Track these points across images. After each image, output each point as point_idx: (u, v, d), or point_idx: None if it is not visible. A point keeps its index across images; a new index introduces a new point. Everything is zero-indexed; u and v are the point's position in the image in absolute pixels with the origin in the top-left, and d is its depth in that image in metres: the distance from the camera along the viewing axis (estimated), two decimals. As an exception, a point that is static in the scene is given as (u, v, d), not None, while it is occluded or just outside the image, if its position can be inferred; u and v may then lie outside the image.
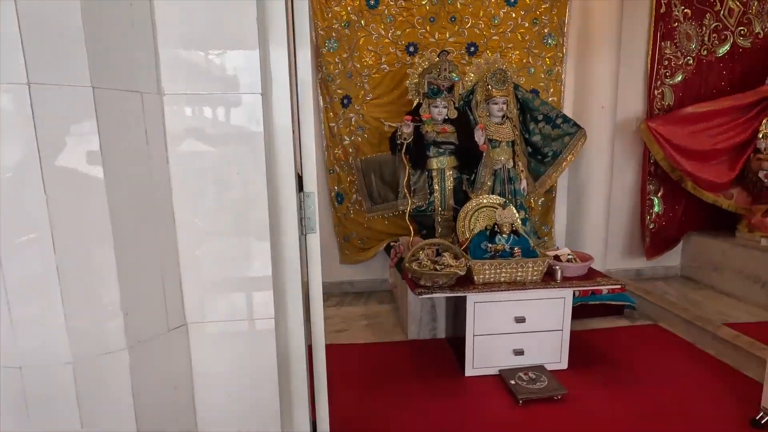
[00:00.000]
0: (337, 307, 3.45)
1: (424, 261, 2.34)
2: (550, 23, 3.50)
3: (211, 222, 0.88)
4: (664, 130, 3.48)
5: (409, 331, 2.83)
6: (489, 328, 2.33)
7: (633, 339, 2.81)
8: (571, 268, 2.41)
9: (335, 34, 3.36)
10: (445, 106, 2.93)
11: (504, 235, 2.42)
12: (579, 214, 3.74)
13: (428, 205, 3.02)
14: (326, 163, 3.55)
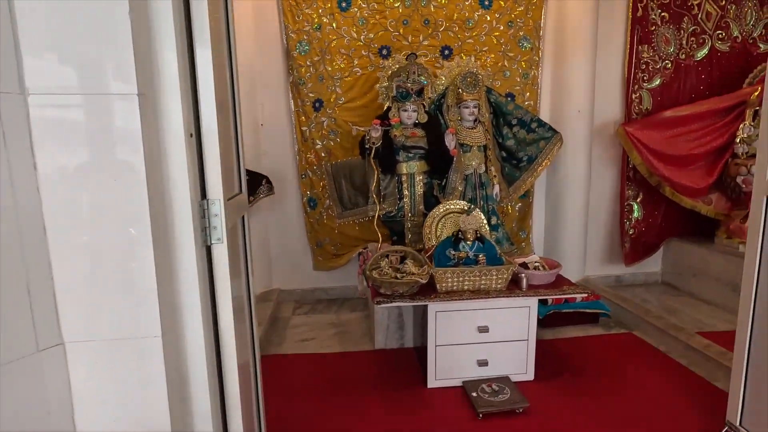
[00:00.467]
0: (307, 315, 3.37)
1: (385, 269, 2.28)
2: (525, 26, 3.45)
3: (87, 234, 0.81)
4: (642, 135, 3.43)
5: (376, 341, 2.76)
6: (451, 338, 2.26)
7: (605, 348, 2.74)
8: (538, 276, 2.35)
9: (306, 37, 3.30)
10: (414, 110, 2.87)
11: (468, 242, 2.35)
12: (557, 220, 3.69)
13: (398, 211, 2.95)
14: (298, 167, 3.48)
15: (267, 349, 2.79)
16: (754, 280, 1.74)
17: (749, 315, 1.76)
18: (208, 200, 1.00)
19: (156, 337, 0.86)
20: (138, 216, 0.82)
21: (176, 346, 0.92)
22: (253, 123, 3.40)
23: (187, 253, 0.92)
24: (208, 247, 1.02)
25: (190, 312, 0.94)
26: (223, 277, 1.03)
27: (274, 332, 3.04)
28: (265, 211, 3.50)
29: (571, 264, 3.68)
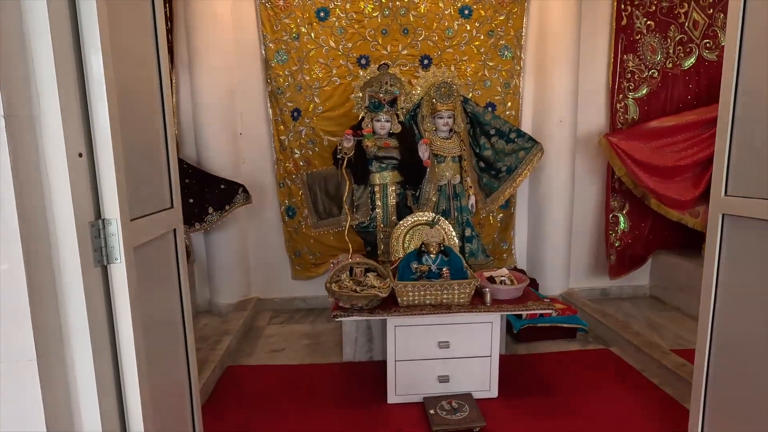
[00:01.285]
0: (283, 324, 3.35)
1: (345, 282, 2.25)
2: (506, 35, 3.42)
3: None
4: (626, 145, 3.36)
5: (344, 353, 2.72)
6: (411, 353, 2.22)
7: (579, 365, 2.67)
8: (503, 291, 2.30)
9: (284, 47, 3.31)
10: (387, 120, 2.85)
11: (431, 255, 2.31)
12: (539, 231, 3.62)
13: (370, 222, 2.93)
14: (276, 176, 3.48)
15: (236, 360, 2.77)
16: (711, 299, 1.68)
17: (707, 336, 1.70)
18: (103, 220, 0.98)
19: (30, 361, 0.84)
20: (7, 244, 0.80)
21: (59, 369, 0.91)
22: (231, 132, 3.41)
23: (73, 276, 0.91)
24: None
25: (78, 334, 0.93)
26: (121, 297, 1.01)
27: (246, 342, 3.03)
28: (243, 220, 3.50)
29: (555, 276, 3.61)
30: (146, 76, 1.27)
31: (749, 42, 1.50)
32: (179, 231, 1.45)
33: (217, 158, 3.34)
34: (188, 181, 3.13)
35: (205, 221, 3.13)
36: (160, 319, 1.31)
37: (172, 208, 1.41)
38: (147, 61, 1.28)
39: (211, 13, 3.19)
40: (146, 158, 1.24)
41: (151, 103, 1.30)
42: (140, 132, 1.20)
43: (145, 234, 1.15)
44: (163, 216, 1.33)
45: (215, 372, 2.48)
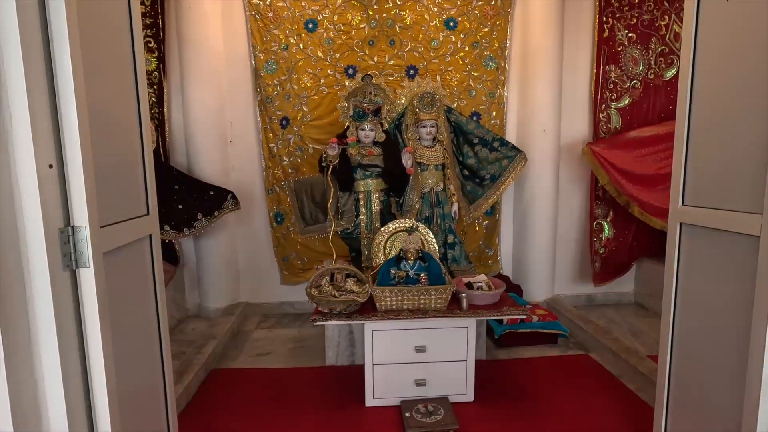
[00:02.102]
0: (270, 329, 3.40)
1: (325, 287, 2.30)
2: (490, 47, 3.50)
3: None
4: (608, 154, 3.43)
5: (327, 357, 2.77)
6: (389, 357, 2.27)
7: (557, 370, 2.71)
8: (479, 297, 2.35)
9: (274, 57, 3.40)
10: (372, 129, 2.92)
11: (410, 262, 2.37)
12: (524, 238, 3.68)
13: (354, 228, 2.99)
14: (265, 183, 3.55)
15: (221, 363, 2.82)
16: (671, 304, 1.73)
17: (668, 340, 1.75)
18: (72, 227, 1.04)
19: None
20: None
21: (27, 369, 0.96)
22: (221, 140, 3.48)
23: (42, 279, 0.97)
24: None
25: (46, 335, 0.98)
26: (89, 300, 1.07)
27: (233, 346, 3.08)
28: (232, 226, 3.56)
29: (540, 283, 3.66)
30: (121, 89, 1.33)
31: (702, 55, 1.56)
32: (155, 237, 1.51)
33: (207, 166, 3.41)
34: (178, 187, 3.20)
35: (194, 227, 3.19)
36: (133, 322, 1.36)
37: (148, 215, 1.47)
38: (122, 74, 1.34)
39: (202, 24, 3.28)
40: (120, 167, 1.30)
41: (127, 114, 1.36)
42: (114, 142, 1.27)
43: (116, 240, 1.21)
44: (138, 222, 1.39)
45: (199, 375, 2.53)
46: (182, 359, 2.67)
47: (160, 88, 3.38)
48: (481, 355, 2.82)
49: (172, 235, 3.16)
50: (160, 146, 3.39)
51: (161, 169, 3.21)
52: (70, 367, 1.04)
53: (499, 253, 3.77)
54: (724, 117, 1.46)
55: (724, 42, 1.46)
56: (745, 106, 1.37)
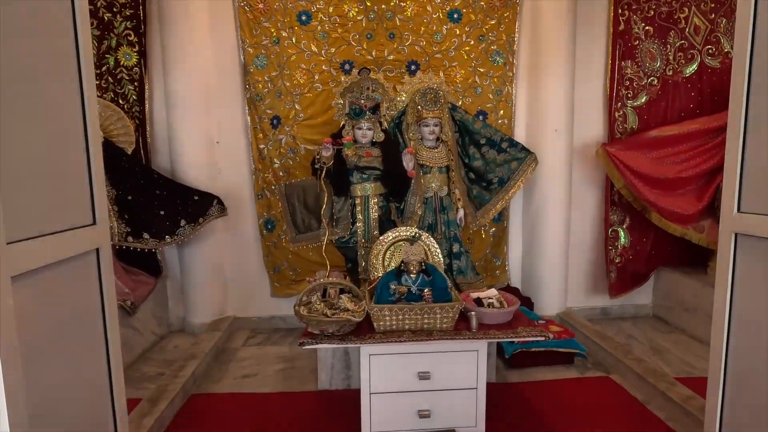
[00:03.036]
0: (259, 346, 3.13)
1: (316, 305, 2.03)
2: (497, 40, 3.25)
3: None
4: (624, 156, 3.17)
5: (320, 381, 2.50)
6: (388, 384, 1.99)
7: (576, 395, 2.44)
8: (490, 315, 2.08)
9: (264, 51, 3.15)
10: (369, 128, 2.66)
11: (412, 275, 2.10)
12: (534, 246, 3.41)
13: (351, 236, 2.72)
14: (254, 187, 3.29)
15: (202, 387, 2.54)
16: (724, 328, 1.46)
17: (720, 370, 1.48)
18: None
19: None
20: None
21: None
22: (208, 141, 3.23)
23: None
24: None
25: None
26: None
27: (216, 366, 2.80)
28: (220, 233, 3.30)
29: (551, 295, 3.40)
30: (55, 88, 1.08)
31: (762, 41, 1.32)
32: (104, 250, 1.24)
33: (192, 168, 3.16)
34: (159, 192, 2.94)
35: (177, 234, 2.94)
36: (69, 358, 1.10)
37: (95, 224, 1.21)
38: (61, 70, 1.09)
39: (187, 16, 3.04)
40: (49, 174, 1.04)
41: (63, 114, 1.11)
42: (40, 147, 1.01)
43: (34, 259, 0.95)
44: (79, 234, 1.13)
45: (175, 403, 2.25)
46: (158, 383, 2.39)
47: (141, 85, 3.13)
48: (491, 377, 2.54)
49: (152, 243, 2.90)
50: (140, 147, 3.14)
51: (140, 173, 2.96)
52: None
53: (507, 263, 3.50)
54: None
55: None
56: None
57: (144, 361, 2.83)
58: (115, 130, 2.91)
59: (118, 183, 2.82)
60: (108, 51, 3.08)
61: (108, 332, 1.26)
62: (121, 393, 1.31)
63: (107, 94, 3.09)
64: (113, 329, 1.28)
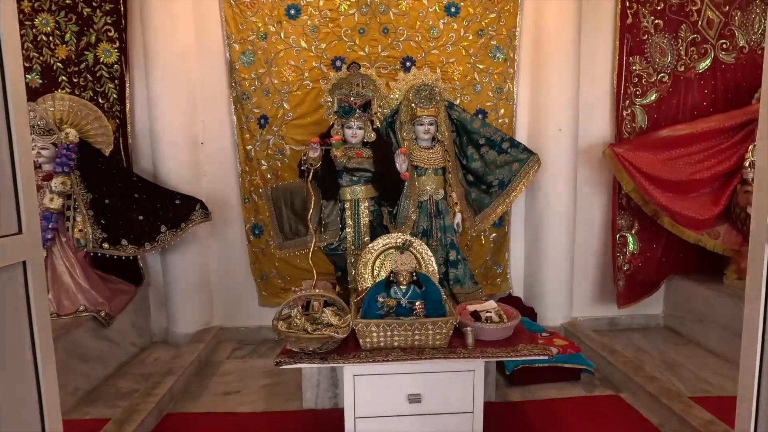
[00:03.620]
0: (244, 359, 2.95)
1: (296, 319, 1.85)
2: (497, 35, 3.08)
3: None
4: (633, 157, 2.97)
5: (305, 399, 2.31)
6: (375, 408, 1.81)
7: (583, 416, 2.24)
8: (487, 331, 1.89)
9: (251, 47, 2.99)
10: (360, 127, 2.49)
11: (402, 287, 1.92)
12: (538, 253, 3.22)
13: (340, 243, 2.55)
14: (241, 190, 3.12)
15: (179, 405, 2.37)
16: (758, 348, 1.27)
17: (753, 392, 1.28)
18: None
19: None
20: None
21: None
22: (192, 142, 3.07)
23: None
24: None
25: None
26: None
27: (197, 382, 2.62)
28: (205, 238, 3.13)
29: (555, 304, 3.20)
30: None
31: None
32: (33, 263, 1.07)
33: (175, 171, 3.00)
34: (137, 196, 2.78)
35: (157, 241, 2.77)
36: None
37: (20, 233, 1.03)
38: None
39: (170, 10, 2.89)
40: None
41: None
42: None
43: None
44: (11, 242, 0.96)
45: (146, 424, 2.07)
46: (131, 401, 2.22)
47: (122, 83, 2.98)
48: (490, 396, 2.35)
49: (130, 250, 2.74)
50: (120, 148, 2.99)
51: (118, 175, 2.80)
52: None
53: (508, 271, 3.31)
54: None
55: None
56: None
57: (120, 376, 2.66)
58: (92, 130, 2.75)
59: (94, 186, 2.66)
60: (87, 47, 2.93)
61: (38, 354, 1.08)
62: (56, 420, 1.14)
63: (86, 93, 2.94)
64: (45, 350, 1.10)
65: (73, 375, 2.37)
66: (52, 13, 2.88)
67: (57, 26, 2.89)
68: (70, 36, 2.91)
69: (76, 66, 2.93)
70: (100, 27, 2.92)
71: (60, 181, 2.55)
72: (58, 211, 2.57)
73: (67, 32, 2.91)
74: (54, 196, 2.54)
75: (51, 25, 2.88)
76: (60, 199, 2.56)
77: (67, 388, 2.28)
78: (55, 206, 2.54)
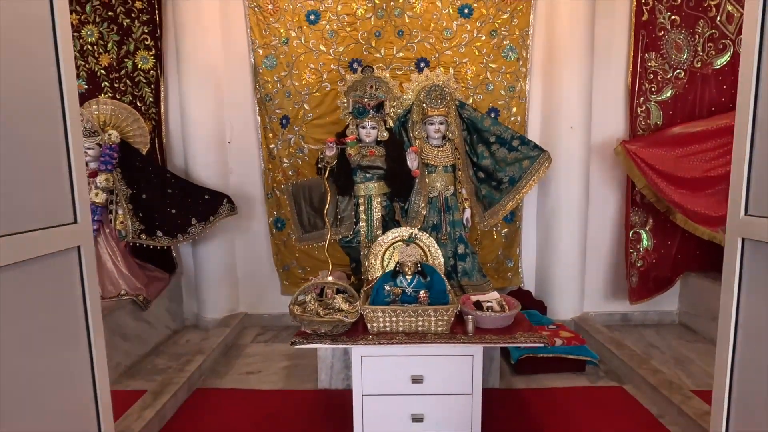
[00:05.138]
0: (267, 343, 3.17)
1: (310, 304, 2.03)
2: (510, 35, 3.15)
3: None
4: (646, 154, 3.00)
5: (320, 380, 2.50)
6: (381, 387, 1.96)
7: (585, 405, 2.32)
8: (487, 319, 2.01)
9: (273, 52, 3.18)
10: (373, 127, 2.64)
11: (407, 277, 2.06)
12: (549, 248, 3.29)
13: (354, 236, 2.71)
14: (264, 186, 3.33)
15: (207, 381, 2.60)
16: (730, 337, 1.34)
17: (726, 380, 1.37)
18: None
19: None
20: None
21: None
22: (220, 141, 3.30)
23: None
24: None
25: None
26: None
27: (223, 362, 2.86)
28: (231, 231, 3.36)
29: (566, 298, 3.27)
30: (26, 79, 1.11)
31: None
32: (86, 248, 1.28)
33: (205, 168, 3.24)
34: (171, 191, 3.03)
35: (188, 233, 3.01)
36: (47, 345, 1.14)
37: (76, 223, 1.24)
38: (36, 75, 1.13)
39: (199, 20, 3.11)
40: (23, 175, 1.08)
41: (40, 119, 1.14)
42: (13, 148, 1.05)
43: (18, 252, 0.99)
44: (57, 233, 1.17)
45: (178, 396, 2.31)
46: (165, 376, 2.47)
47: (157, 87, 3.23)
48: (495, 382, 2.47)
49: (165, 241, 2.99)
50: (156, 148, 3.25)
51: (154, 172, 3.06)
52: None
53: (520, 265, 3.39)
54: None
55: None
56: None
57: (155, 354, 2.93)
58: (131, 131, 3.02)
59: (133, 182, 2.93)
60: (126, 55, 3.20)
61: (90, 328, 1.29)
62: (105, 387, 1.35)
63: (126, 97, 3.21)
64: (96, 324, 1.31)
65: (116, 352, 2.64)
66: (96, 24, 3.16)
67: (100, 36, 3.17)
68: (111, 45, 3.19)
69: (117, 72, 3.21)
70: (138, 36, 3.18)
71: (104, 177, 2.83)
72: (102, 205, 2.84)
73: (109, 41, 3.19)
74: (98, 192, 2.81)
75: (95, 36, 3.16)
76: (104, 194, 2.83)
77: (110, 362, 2.53)
78: (100, 200, 2.82)
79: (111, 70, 3.20)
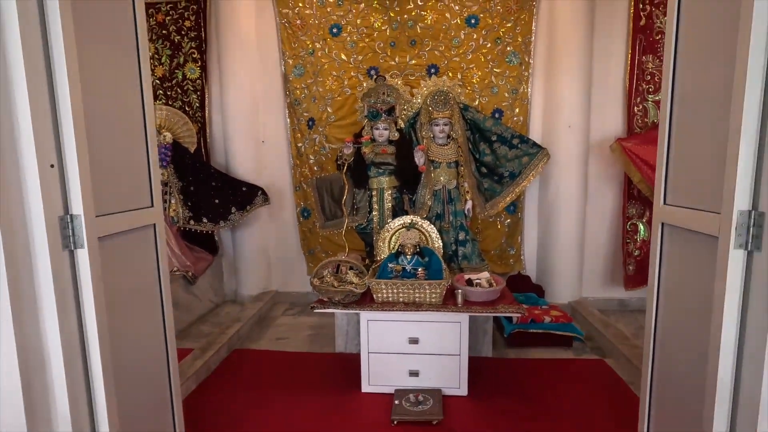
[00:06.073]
0: (295, 316, 3.65)
1: (327, 278, 2.46)
2: (513, 42, 3.44)
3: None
4: (640, 150, 3.23)
5: (336, 345, 2.94)
6: (383, 346, 2.37)
7: (565, 373, 2.64)
8: (475, 293, 2.37)
9: (301, 62, 3.62)
10: (386, 128, 3.04)
11: (407, 256, 2.45)
12: (549, 237, 3.58)
13: (368, 223, 3.12)
14: (293, 180, 3.80)
15: (243, 344, 3.10)
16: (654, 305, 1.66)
17: (650, 346, 1.68)
18: (71, 215, 1.28)
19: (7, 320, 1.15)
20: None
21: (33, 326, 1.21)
22: (255, 141, 3.78)
23: (44, 256, 1.21)
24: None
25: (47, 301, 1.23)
26: (85, 275, 1.31)
27: (257, 329, 3.36)
28: (265, 220, 3.85)
29: (565, 284, 3.56)
30: (124, 99, 1.56)
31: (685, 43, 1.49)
32: (159, 226, 1.75)
33: (242, 164, 3.73)
34: (214, 184, 3.54)
35: (229, 219, 3.52)
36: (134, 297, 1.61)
37: (152, 207, 1.71)
38: (126, 85, 1.58)
39: (238, 35, 3.59)
40: (121, 166, 1.54)
41: (130, 120, 1.60)
42: (115, 144, 1.51)
43: (112, 227, 1.45)
44: (141, 213, 1.63)
45: (220, 353, 2.81)
46: (209, 338, 2.98)
47: (203, 94, 3.75)
48: (488, 352, 2.82)
49: (209, 227, 3.51)
50: (201, 147, 3.77)
51: (200, 167, 3.57)
52: (68, 327, 1.28)
53: (522, 253, 3.70)
54: (696, 114, 1.40)
55: (704, 40, 1.39)
56: (708, 106, 1.32)
57: (201, 322, 3.47)
58: (181, 132, 3.54)
59: (183, 176, 3.45)
60: (177, 67, 3.73)
61: (162, 289, 1.76)
62: (173, 341, 1.81)
63: (176, 103, 3.75)
64: (166, 287, 1.77)
65: (170, 317, 3.18)
66: (153, 41, 3.70)
67: (156, 51, 3.71)
68: (165, 58, 3.72)
69: (170, 82, 3.74)
70: (187, 50, 3.70)
71: (159, 173, 3.36)
72: (158, 195, 3.39)
73: (163, 55, 3.72)
74: (156, 184, 3.36)
75: (152, 51, 3.71)
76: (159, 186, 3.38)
77: (166, 325, 3.10)
78: (157, 191, 3.36)
79: (164, 80, 3.74)
